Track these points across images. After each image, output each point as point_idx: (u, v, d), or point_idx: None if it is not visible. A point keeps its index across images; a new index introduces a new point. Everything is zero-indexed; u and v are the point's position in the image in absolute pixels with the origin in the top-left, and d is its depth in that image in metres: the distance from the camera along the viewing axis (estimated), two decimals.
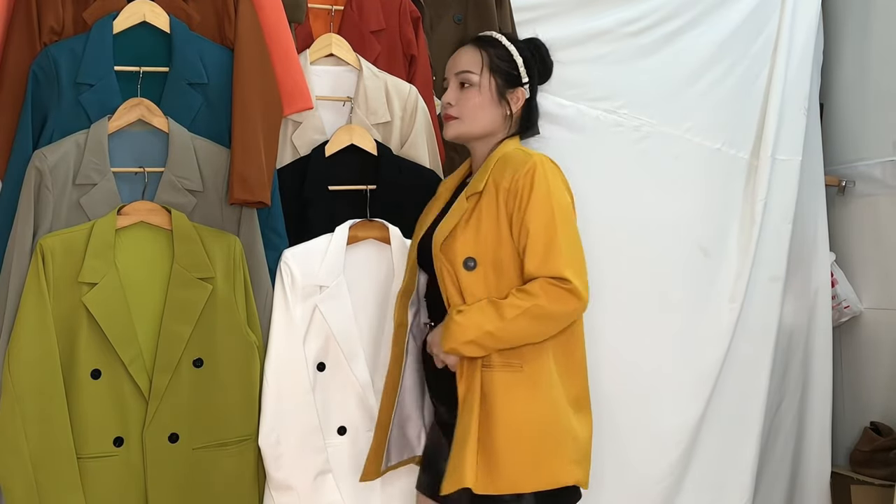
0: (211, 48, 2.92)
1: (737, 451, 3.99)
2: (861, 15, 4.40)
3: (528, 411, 2.60)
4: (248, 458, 2.83)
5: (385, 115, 3.17)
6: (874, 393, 4.29)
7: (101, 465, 2.65)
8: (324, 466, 2.88)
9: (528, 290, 2.56)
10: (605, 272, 3.21)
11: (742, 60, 4.02)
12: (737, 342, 3.95)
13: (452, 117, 2.73)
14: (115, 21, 2.83)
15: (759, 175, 4.01)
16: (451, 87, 2.74)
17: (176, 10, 2.90)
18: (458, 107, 2.71)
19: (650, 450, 3.79)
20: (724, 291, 3.94)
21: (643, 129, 3.83)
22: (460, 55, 2.77)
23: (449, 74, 2.77)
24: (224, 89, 2.90)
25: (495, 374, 2.60)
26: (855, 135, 4.45)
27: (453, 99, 2.72)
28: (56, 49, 2.78)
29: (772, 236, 4.03)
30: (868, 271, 4.39)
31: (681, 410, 3.84)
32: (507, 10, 3.47)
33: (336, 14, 3.25)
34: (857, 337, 4.43)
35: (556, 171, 2.68)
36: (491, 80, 2.71)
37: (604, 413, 3.68)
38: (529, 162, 2.62)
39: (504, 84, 2.73)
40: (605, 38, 3.79)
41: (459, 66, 2.74)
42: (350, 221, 2.97)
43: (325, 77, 3.17)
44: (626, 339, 3.76)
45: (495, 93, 2.72)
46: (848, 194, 4.45)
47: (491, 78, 2.71)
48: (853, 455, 4.25)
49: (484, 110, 2.72)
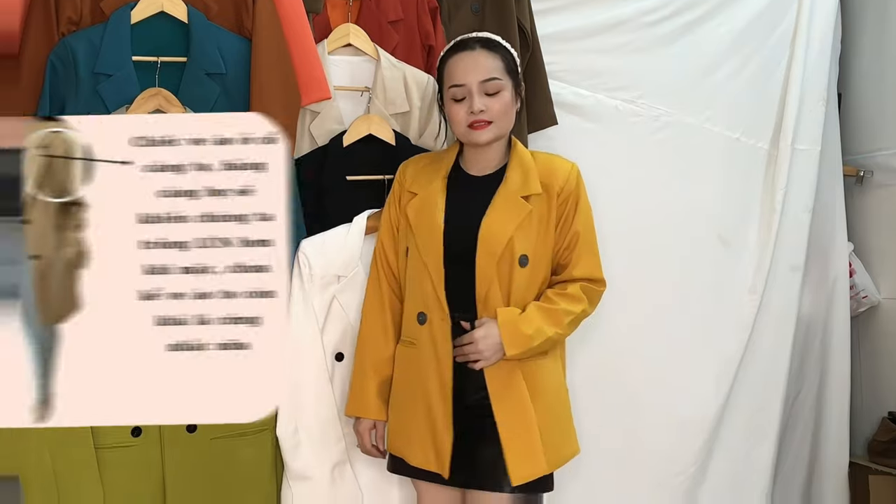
0: (229, 38, 2.92)
1: (757, 441, 3.98)
2: (879, 4, 4.38)
3: (558, 391, 2.79)
4: (265, 447, 2.84)
5: (403, 105, 3.16)
6: (892, 382, 4.28)
7: (119, 455, 2.66)
8: (342, 457, 2.88)
9: (574, 294, 2.73)
10: (624, 263, 3.22)
11: (761, 50, 4.00)
12: (757, 333, 3.94)
13: (486, 123, 2.72)
14: (132, 11, 2.84)
15: (779, 165, 3.99)
16: (477, 94, 2.71)
17: (194, 0, 2.90)
18: (489, 112, 2.71)
19: (671, 440, 3.78)
20: (744, 282, 3.93)
21: (662, 118, 3.81)
22: (479, 62, 2.74)
23: (468, 82, 2.72)
24: (242, 79, 2.90)
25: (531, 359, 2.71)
26: (873, 125, 4.42)
27: (484, 105, 2.71)
28: (74, 39, 2.79)
29: (792, 226, 4.01)
30: (886, 261, 4.37)
31: (702, 401, 3.83)
32: (525, 0, 3.46)
33: (354, 4, 3.24)
34: (875, 327, 4.42)
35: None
36: (510, 82, 2.76)
37: (625, 404, 3.71)
38: (572, 167, 2.80)
39: (516, 84, 2.79)
40: (623, 28, 3.77)
41: (485, 74, 2.72)
42: (368, 211, 2.97)
43: (343, 67, 3.17)
44: (645, 329, 3.75)
45: (514, 93, 2.77)
46: (866, 184, 4.43)
47: (510, 80, 2.76)
48: (871, 445, 4.25)
49: (511, 111, 2.77)
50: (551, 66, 3.56)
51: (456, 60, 2.76)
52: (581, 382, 3.02)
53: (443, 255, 2.71)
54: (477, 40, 2.79)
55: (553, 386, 2.76)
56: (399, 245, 2.84)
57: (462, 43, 2.79)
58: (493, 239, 2.68)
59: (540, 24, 3.52)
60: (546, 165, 2.80)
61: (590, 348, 3.46)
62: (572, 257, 2.75)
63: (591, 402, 3.43)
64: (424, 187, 2.80)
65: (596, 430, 3.48)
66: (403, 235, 2.82)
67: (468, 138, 2.76)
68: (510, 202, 2.72)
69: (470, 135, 2.74)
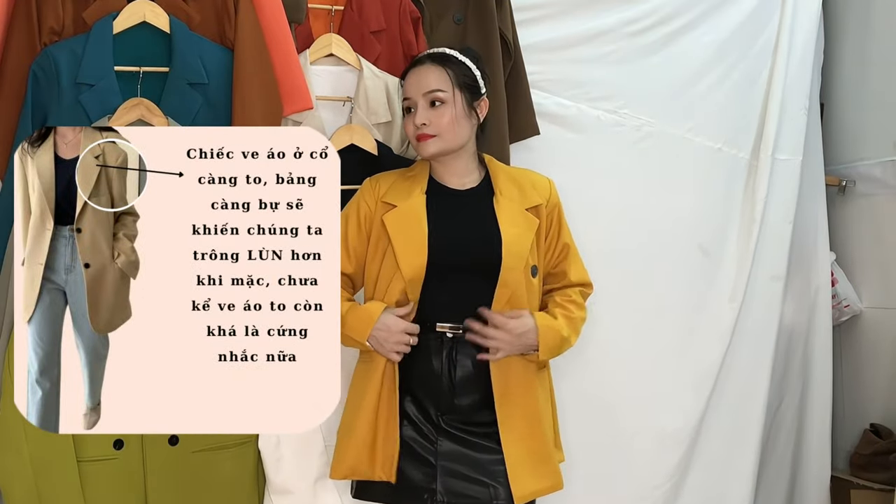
0: (211, 48, 2.92)
1: (737, 453, 3.97)
2: (861, 15, 4.39)
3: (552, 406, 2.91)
4: (247, 461, 2.83)
5: (386, 115, 3.17)
6: (874, 393, 4.29)
7: (101, 468, 2.65)
8: (324, 470, 2.87)
9: (579, 301, 2.87)
10: (604, 272, 3.21)
11: (743, 60, 4.01)
12: (737, 342, 3.93)
13: (429, 136, 2.75)
14: (115, 21, 2.83)
15: (760, 175, 3.99)
16: (421, 107, 2.76)
17: (176, 10, 2.89)
18: (433, 125, 2.75)
19: (650, 452, 3.77)
20: (724, 291, 3.93)
21: (644, 129, 3.81)
22: (423, 75, 2.79)
23: (413, 95, 2.79)
24: (224, 89, 2.90)
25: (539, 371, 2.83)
26: (855, 134, 4.44)
27: (426, 118, 2.75)
28: (56, 49, 2.78)
29: (772, 236, 4.01)
30: (868, 271, 4.38)
31: (681, 412, 3.82)
32: (508, 10, 3.45)
33: (336, 14, 3.24)
34: (858, 336, 4.42)
35: None
36: (461, 95, 2.78)
37: (603, 415, 3.70)
38: (550, 180, 2.92)
39: (471, 97, 2.80)
40: (605, 38, 3.76)
41: (427, 86, 2.77)
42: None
43: (325, 77, 3.17)
44: (625, 339, 3.74)
45: (465, 106, 2.79)
46: (848, 194, 4.43)
47: (460, 93, 2.78)
48: (853, 459, 4.23)
49: (459, 124, 2.78)
50: (533, 75, 3.55)
51: (408, 75, 2.84)
52: (559, 393, 3.02)
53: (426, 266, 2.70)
54: (429, 55, 2.86)
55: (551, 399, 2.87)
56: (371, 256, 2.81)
57: (416, 58, 2.89)
58: (517, 254, 2.72)
59: (522, 34, 3.52)
60: (529, 179, 2.89)
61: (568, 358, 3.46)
62: (565, 266, 2.87)
63: (570, 412, 3.43)
64: (403, 199, 2.79)
65: (576, 441, 3.47)
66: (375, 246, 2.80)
67: (417, 150, 2.82)
68: (520, 215, 2.78)
69: (417, 147, 2.79)
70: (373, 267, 2.79)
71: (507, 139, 3.40)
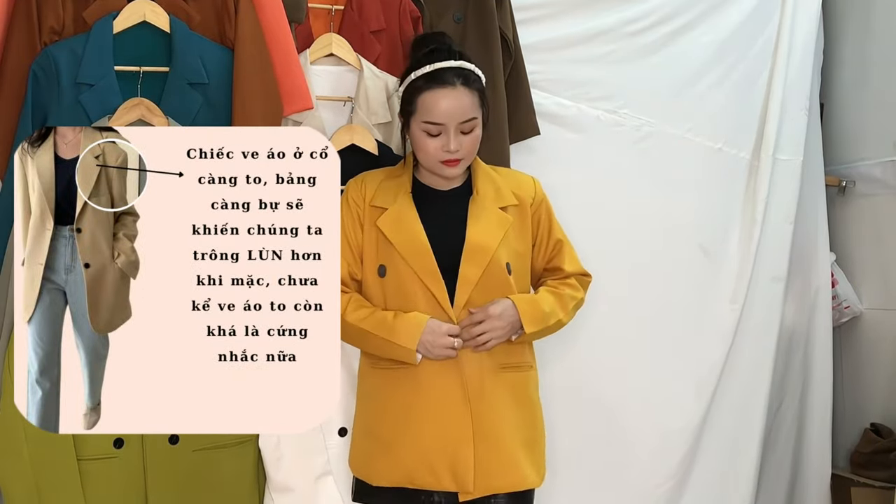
0: (211, 48, 2.92)
1: (739, 453, 3.98)
2: (861, 15, 4.39)
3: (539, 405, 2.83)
4: (248, 459, 2.83)
5: (386, 115, 3.17)
6: (875, 393, 4.29)
7: (102, 466, 2.65)
8: (324, 468, 2.88)
9: (572, 283, 2.84)
10: (605, 273, 3.21)
11: (743, 60, 4.01)
12: (738, 343, 3.94)
13: (458, 160, 2.69)
14: (115, 21, 2.83)
15: (760, 175, 4.00)
16: (454, 135, 2.65)
17: (176, 9, 2.90)
18: (463, 150, 2.67)
19: (652, 452, 3.77)
20: (725, 292, 3.94)
21: (644, 129, 3.82)
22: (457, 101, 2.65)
23: (447, 122, 2.64)
24: (224, 89, 2.90)
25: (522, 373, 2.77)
26: (855, 135, 4.44)
27: (458, 145, 2.66)
28: (56, 49, 2.78)
29: (773, 236, 4.02)
30: (868, 271, 4.38)
31: (683, 413, 3.83)
32: (508, 10, 3.45)
33: (336, 14, 3.24)
34: (858, 337, 4.42)
35: None
36: (481, 113, 2.72)
37: (605, 416, 3.70)
38: (534, 179, 2.89)
39: (486, 113, 2.75)
40: (605, 38, 3.77)
41: (464, 116, 2.65)
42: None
43: (325, 77, 3.17)
44: (626, 340, 3.75)
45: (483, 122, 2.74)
46: (848, 194, 4.43)
47: (482, 112, 2.72)
48: (853, 457, 4.24)
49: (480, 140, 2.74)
50: (533, 75, 3.55)
51: (436, 97, 2.65)
52: (562, 393, 3.02)
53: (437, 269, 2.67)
54: (457, 74, 2.68)
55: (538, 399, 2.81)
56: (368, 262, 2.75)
57: (441, 77, 2.67)
58: (479, 250, 2.67)
59: (522, 33, 3.51)
60: (513, 179, 2.87)
61: (570, 359, 3.47)
62: (558, 261, 2.85)
63: (572, 413, 3.43)
64: (392, 202, 2.74)
65: (577, 442, 3.48)
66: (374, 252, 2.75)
67: (436, 171, 2.72)
68: (491, 213, 2.73)
69: (441, 169, 2.70)
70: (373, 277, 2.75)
71: (507, 139, 3.40)
